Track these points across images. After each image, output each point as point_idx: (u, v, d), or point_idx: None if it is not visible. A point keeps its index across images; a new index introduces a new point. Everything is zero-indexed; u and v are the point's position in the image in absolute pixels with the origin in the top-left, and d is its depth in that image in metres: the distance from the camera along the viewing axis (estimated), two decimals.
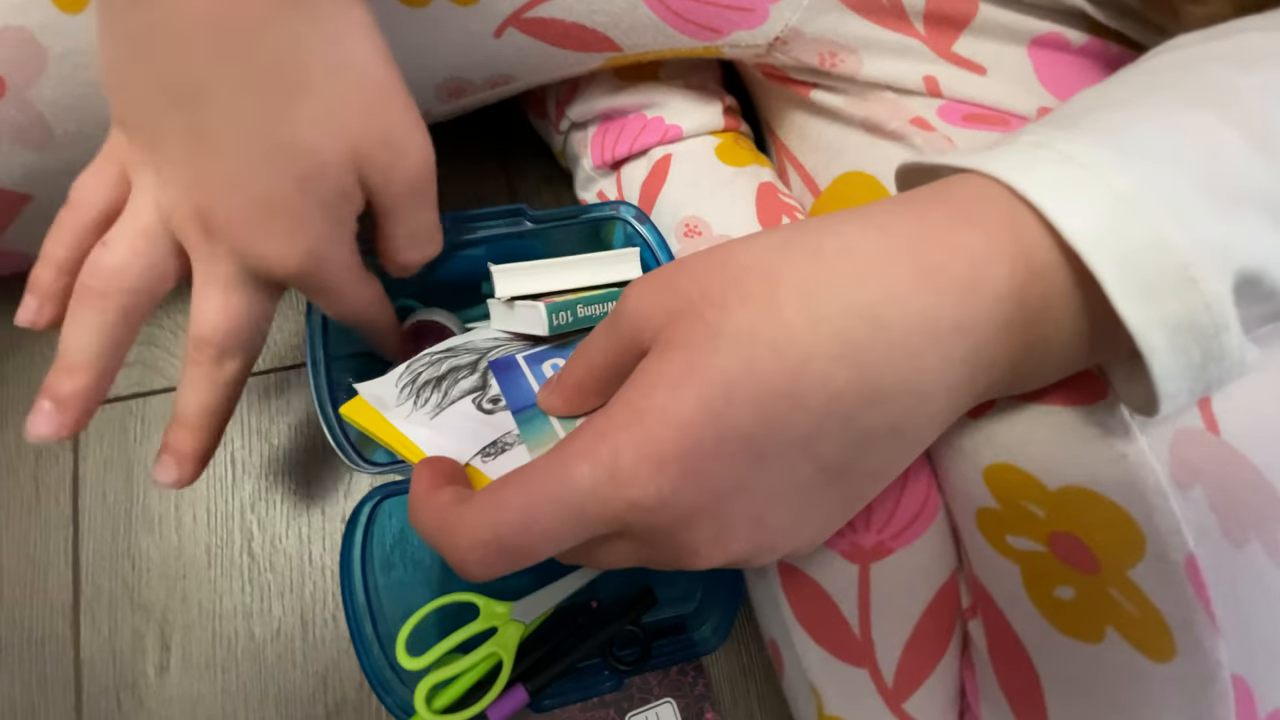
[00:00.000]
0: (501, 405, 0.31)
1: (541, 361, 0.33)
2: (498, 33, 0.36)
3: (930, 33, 0.35)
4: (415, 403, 0.31)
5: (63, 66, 0.30)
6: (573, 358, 0.26)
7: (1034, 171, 0.20)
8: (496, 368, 0.33)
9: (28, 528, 0.45)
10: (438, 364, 0.34)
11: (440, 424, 0.30)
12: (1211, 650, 0.23)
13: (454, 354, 0.34)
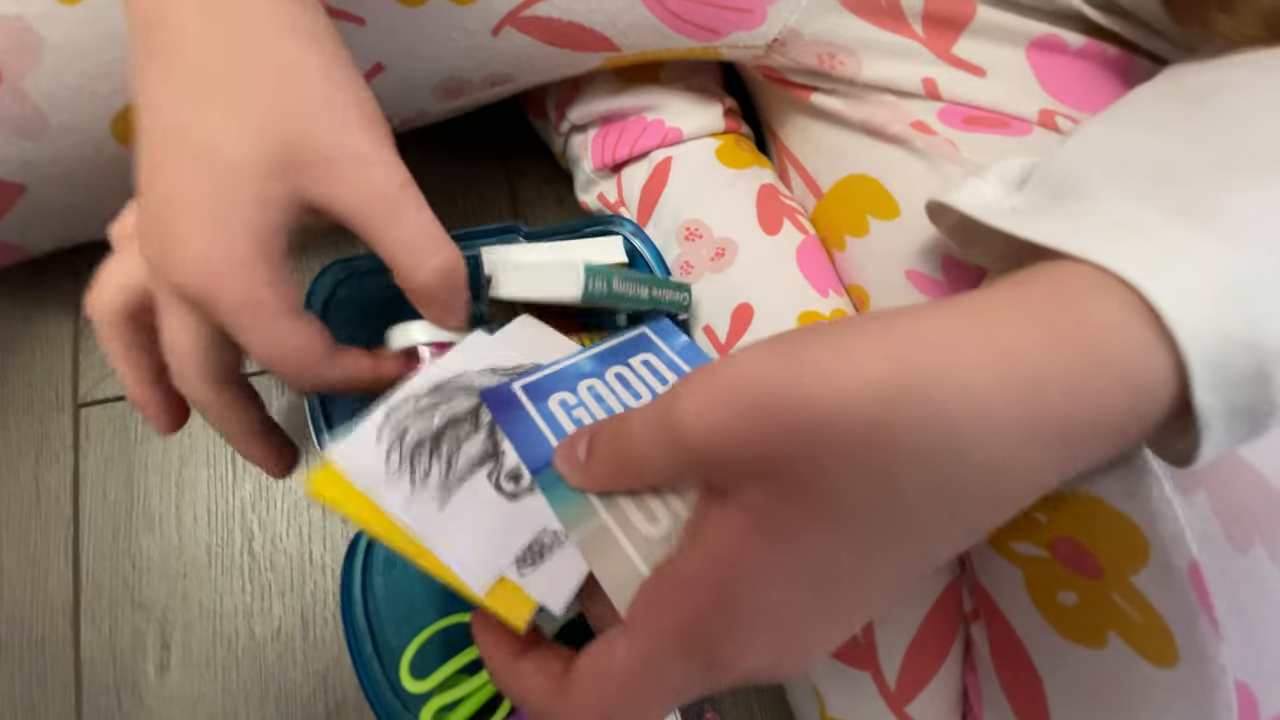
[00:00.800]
0: (526, 483, 0.25)
1: (545, 396, 0.28)
2: (495, 31, 0.35)
3: (929, 34, 0.35)
4: (412, 477, 0.24)
5: (59, 57, 0.30)
6: (604, 434, 0.22)
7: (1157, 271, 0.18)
8: (495, 405, 0.27)
9: (28, 527, 0.45)
10: (427, 414, 0.26)
11: (454, 515, 0.24)
12: (1215, 656, 0.23)
13: (443, 395, 0.27)
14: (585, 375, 0.29)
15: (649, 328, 0.32)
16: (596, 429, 0.23)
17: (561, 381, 0.28)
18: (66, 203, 0.37)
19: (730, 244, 0.41)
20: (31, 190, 0.35)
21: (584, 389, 0.28)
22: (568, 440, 0.24)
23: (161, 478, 0.46)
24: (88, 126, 0.33)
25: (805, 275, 0.40)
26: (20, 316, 0.49)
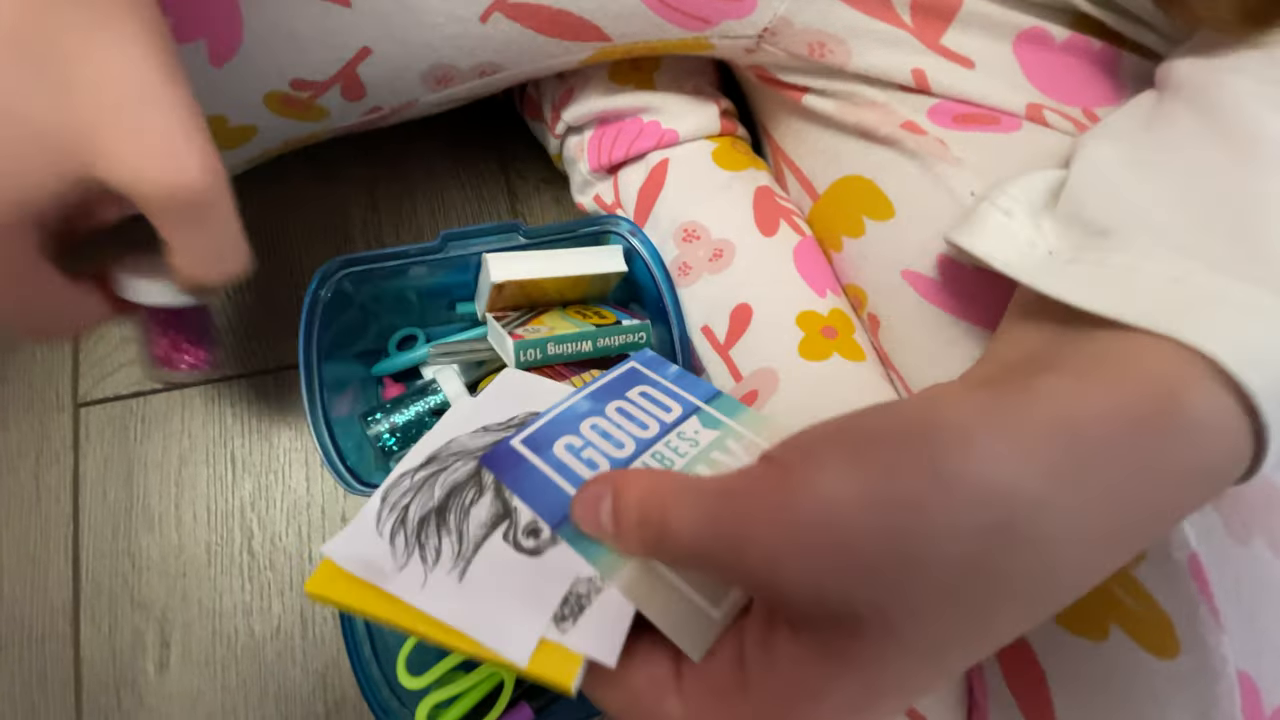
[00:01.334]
0: (547, 536, 0.23)
1: (549, 444, 0.26)
2: (484, 18, 0.35)
3: (918, 23, 0.36)
4: (423, 557, 0.23)
5: None
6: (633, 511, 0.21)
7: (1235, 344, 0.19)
8: (498, 467, 0.25)
9: (28, 526, 0.45)
10: (426, 487, 0.25)
11: (476, 586, 0.22)
12: (1216, 647, 0.23)
13: (440, 464, 0.26)
14: (585, 415, 0.28)
15: (635, 361, 0.31)
16: (619, 492, 0.21)
17: (562, 426, 0.27)
18: None
19: (728, 245, 0.41)
20: None
21: (587, 428, 0.27)
22: (586, 500, 0.22)
23: (161, 477, 0.47)
24: None
25: (803, 275, 0.40)
26: None
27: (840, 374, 0.37)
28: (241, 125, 0.38)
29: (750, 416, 0.28)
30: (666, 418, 0.28)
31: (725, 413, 0.28)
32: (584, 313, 0.42)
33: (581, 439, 0.26)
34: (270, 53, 0.34)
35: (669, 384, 0.30)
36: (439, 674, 0.32)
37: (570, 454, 0.26)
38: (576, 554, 0.22)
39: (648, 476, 0.21)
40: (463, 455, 0.26)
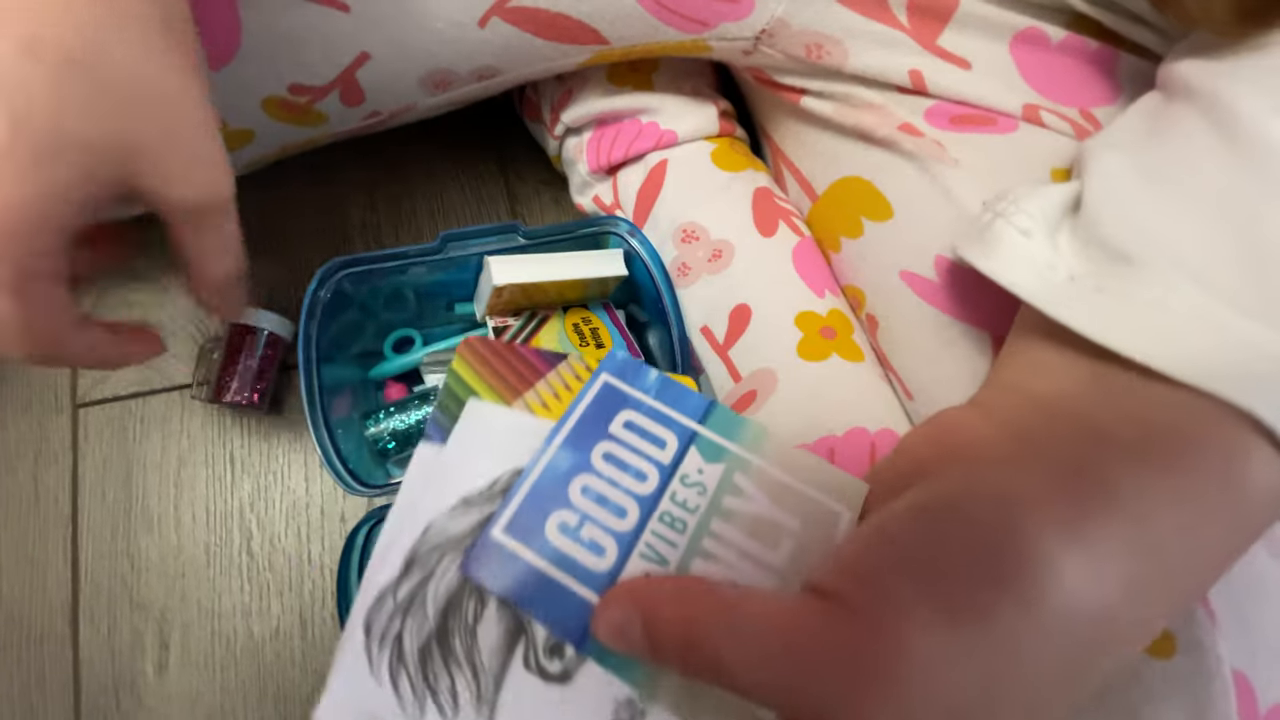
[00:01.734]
0: (572, 656, 0.21)
1: (539, 528, 0.23)
2: (482, 22, 0.35)
3: (914, 24, 0.36)
4: (439, 706, 0.20)
5: None
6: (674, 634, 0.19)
7: None
8: (489, 577, 0.22)
9: (27, 527, 0.45)
10: (416, 605, 0.21)
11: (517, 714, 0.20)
12: (1211, 646, 0.24)
13: (424, 569, 0.22)
14: (570, 473, 0.24)
15: (609, 373, 0.27)
16: (652, 617, 0.20)
17: (548, 496, 0.23)
18: None
19: (727, 245, 0.41)
20: None
21: (577, 493, 0.23)
22: (611, 625, 0.20)
23: (160, 478, 0.47)
24: None
25: (801, 276, 0.40)
26: None
27: (839, 374, 0.37)
28: (239, 129, 0.38)
29: (751, 432, 0.25)
30: (663, 456, 0.25)
31: (723, 433, 0.25)
32: (581, 329, 0.42)
33: (575, 513, 0.23)
34: (268, 57, 0.34)
35: (653, 403, 0.26)
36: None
37: (568, 538, 0.22)
38: (609, 675, 0.20)
39: (681, 600, 0.20)
40: (446, 548, 0.22)
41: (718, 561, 0.23)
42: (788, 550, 0.23)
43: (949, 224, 0.33)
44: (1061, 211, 0.26)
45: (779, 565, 0.23)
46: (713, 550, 0.23)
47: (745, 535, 0.23)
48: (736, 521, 0.23)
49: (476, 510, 0.23)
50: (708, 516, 0.23)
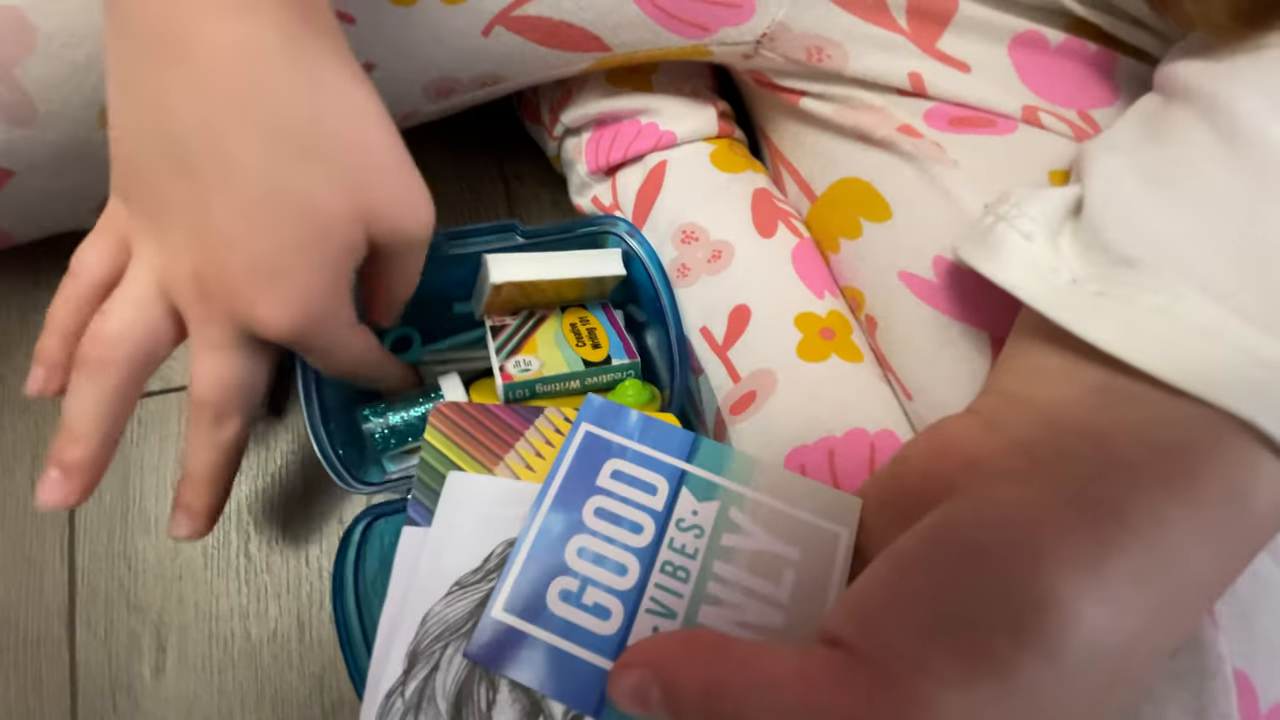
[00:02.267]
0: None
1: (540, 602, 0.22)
2: (485, 31, 0.36)
3: (914, 28, 0.36)
4: None
5: (51, 45, 0.30)
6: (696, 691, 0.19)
7: None
8: (496, 661, 0.21)
9: (23, 528, 0.45)
10: (426, 702, 0.21)
11: None
12: (1211, 644, 0.24)
13: (428, 662, 0.21)
14: (564, 536, 0.23)
15: (588, 422, 0.26)
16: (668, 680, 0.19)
17: (545, 565, 0.22)
18: (53, 189, 0.37)
19: (726, 246, 0.41)
20: (19, 176, 0.35)
21: (574, 556, 0.23)
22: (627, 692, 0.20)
23: (158, 479, 0.46)
24: (76, 115, 0.33)
25: (801, 277, 0.40)
26: (16, 319, 0.49)
27: (838, 375, 0.37)
28: None
29: (740, 464, 0.25)
30: (655, 502, 0.24)
31: (713, 468, 0.25)
32: (579, 329, 0.42)
33: (575, 578, 0.22)
34: None
35: (638, 447, 0.25)
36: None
37: (571, 605, 0.22)
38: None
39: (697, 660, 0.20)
40: (448, 636, 0.21)
41: (724, 605, 0.23)
42: (790, 581, 0.23)
43: (948, 225, 0.33)
44: (1063, 215, 0.26)
45: (784, 600, 0.23)
46: (717, 594, 0.23)
47: (747, 573, 0.23)
48: (737, 560, 0.23)
49: (473, 591, 0.22)
50: (709, 559, 0.23)
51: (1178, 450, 0.20)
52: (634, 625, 0.22)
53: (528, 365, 0.39)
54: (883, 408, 0.35)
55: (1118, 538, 0.18)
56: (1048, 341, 0.24)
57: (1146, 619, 0.18)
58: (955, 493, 0.21)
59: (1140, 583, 0.18)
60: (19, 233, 0.41)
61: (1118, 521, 0.18)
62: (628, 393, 0.39)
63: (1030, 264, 0.25)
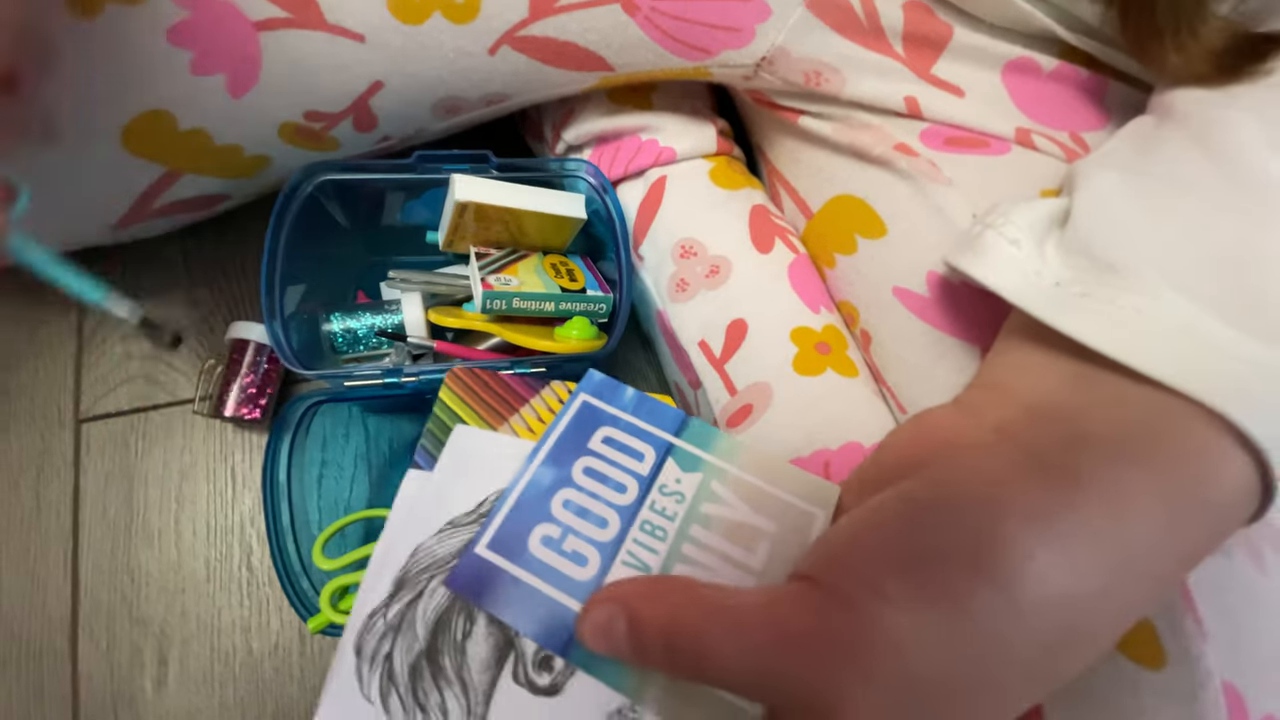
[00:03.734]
0: (560, 666, 0.21)
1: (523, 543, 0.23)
2: (492, 50, 0.37)
3: (909, 54, 0.37)
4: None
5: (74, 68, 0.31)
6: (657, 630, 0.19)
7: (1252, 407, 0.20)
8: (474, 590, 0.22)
9: (28, 542, 0.45)
10: (406, 625, 0.21)
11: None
12: (1200, 657, 0.24)
13: (413, 589, 0.22)
14: (552, 488, 0.24)
15: (586, 393, 0.27)
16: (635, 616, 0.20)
17: (531, 511, 0.23)
18: (73, 206, 0.38)
19: (724, 262, 0.42)
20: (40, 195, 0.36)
21: (559, 507, 0.24)
22: (595, 627, 0.20)
23: (161, 493, 0.47)
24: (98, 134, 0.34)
25: (797, 292, 0.41)
26: (24, 333, 0.49)
27: (833, 389, 0.37)
28: (256, 155, 0.39)
29: (725, 443, 0.26)
30: (641, 468, 0.25)
31: (699, 444, 0.26)
32: (558, 266, 0.44)
33: (558, 525, 0.23)
34: (286, 86, 0.36)
35: (630, 419, 0.27)
36: (353, 559, 0.34)
37: (551, 550, 0.23)
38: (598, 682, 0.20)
39: (664, 597, 0.20)
40: (435, 569, 0.22)
41: (698, 565, 0.23)
42: (764, 552, 0.24)
43: (942, 241, 0.34)
44: (1049, 224, 0.27)
45: (757, 567, 0.23)
46: (693, 555, 0.23)
47: (724, 539, 0.24)
48: (715, 527, 0.24)
49: (464, 531, 0.23)
50: (687, 523, 0.24)
51: (1144, 430, 0.20)
52: (608, 574, 0.23)
53: (507, 281, 0.41)
54: (877, 422, 0.36)
55: (1074, 497, 0.19)
56: (1030, 339, 0.25)
57: (1100, 579, 0.18)
58: (930, 464, 0.22)
59: (1094, 541, 0.18)
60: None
61: (1076, 484, 0.19)
62: (573, 330, 0.41)
63: (1015, 267, 0.26)
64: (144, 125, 0.35)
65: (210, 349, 0.49)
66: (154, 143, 0.36)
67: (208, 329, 0.50)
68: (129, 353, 0.49)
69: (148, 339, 0.39)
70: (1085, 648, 0.18)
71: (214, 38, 0.32)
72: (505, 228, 0.42)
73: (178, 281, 0.51)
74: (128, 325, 0.32)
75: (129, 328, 0.49)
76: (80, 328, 0.50)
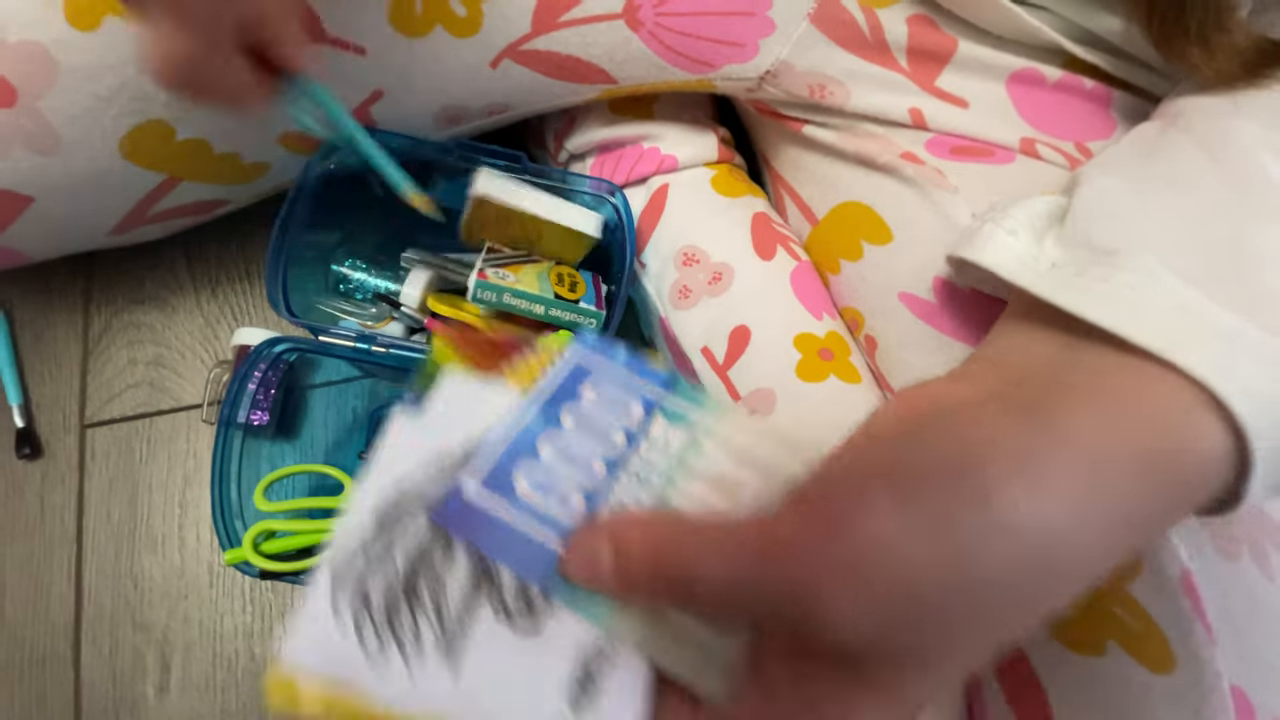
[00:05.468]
0: (539, 601, 0.21)
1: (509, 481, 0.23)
2: (494, 64, 0.37)
3: (913, 67, 0.37)
4: (402, 651, 0.20)
5: (72, 80, 0.31)
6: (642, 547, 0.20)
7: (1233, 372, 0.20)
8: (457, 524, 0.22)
9: (32, 547, 0.45)
10: (386, 557, 0.22)
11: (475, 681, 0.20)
12: (1209, 661, 0.24)
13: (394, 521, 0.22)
14: (541, 430, 0.25)
15: (581, 346, 0.28)
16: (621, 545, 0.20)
17: (519, 457, 0.24)
18: (71, 213, 0.38)
19: (727, 269, 0.42)
20: (39, 201, 0.36)
21: (547, 450, 0.24)
22: (580, 557, 0.21)
23: (165, 498, 0.47)
24: (96, 144, 0.34)
25: (800, 299, 0.41)
26: (31, 339, 0.50)
27: (837, 395, 0.37)
28: (255, 162, 0.39)
29: (714, 404, 0.27)
30: (629, 421, 0.26)
31: (689, 401, 0.26)
32: (564, 277, 0.44)
33: (545, 469, 0.24)
34: None
35: (622, 372, 0.27)
36: (288, 508, 0.35)
37: (538, 491, 0.23)
38: (576, 617, 0.21)
39: (652, 524, 0.20)
40: (418, 505, 0.22)
41: None
42: (748, 503, 0.24)
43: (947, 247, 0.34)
44: (1048, 221, 0.28)
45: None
46: (678, 504, 0.23)
47: (709, 490, 0.24)
48: (701, 478, 0.24)
49: (451, 472, 0.23)
50: (673, 474, 0.24)
51: (1126, 390, 0.21)
52: None
53: (504, 277, 0.41)
54: None
55: (1051, 436, 0.19)
56: (1024, 320, 0.25)
57: (1073, 514, 0.18)
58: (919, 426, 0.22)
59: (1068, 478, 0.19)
60: (37, 253, 0.42)
61: (1049, 424, 0.20)
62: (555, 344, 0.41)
63: (1012, 252, 0.26)
64: (143, 135, 0.35)
65: (213, 356, 0.50)
66: (152, 152, 0.36)
67: (213, 335, 0.50)
68: (134, 359, 0.50)
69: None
70: (1063, 582, 0.19)
71: None
72: (522, 229, 0.43)
73: (182, 287, 0.51)
74: None
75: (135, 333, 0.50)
76: (86, 334, 0.50)
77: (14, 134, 0.32)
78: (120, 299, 0.51)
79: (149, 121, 0.34)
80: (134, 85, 0.33)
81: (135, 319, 0.50)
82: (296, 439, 0.47)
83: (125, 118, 0.34)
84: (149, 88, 0.33)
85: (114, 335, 0.50)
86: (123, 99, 0.33)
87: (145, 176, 0.38)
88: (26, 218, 0.37)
